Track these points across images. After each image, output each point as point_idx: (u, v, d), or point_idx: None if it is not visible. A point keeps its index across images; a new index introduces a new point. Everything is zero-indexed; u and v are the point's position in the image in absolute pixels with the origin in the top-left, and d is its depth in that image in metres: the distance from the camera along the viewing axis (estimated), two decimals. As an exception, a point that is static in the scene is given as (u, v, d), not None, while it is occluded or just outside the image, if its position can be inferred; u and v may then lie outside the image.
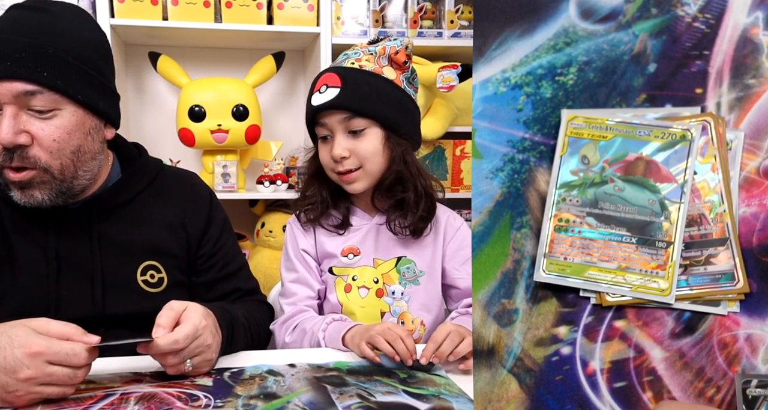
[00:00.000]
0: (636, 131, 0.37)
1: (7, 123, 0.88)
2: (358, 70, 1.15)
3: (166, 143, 2.11)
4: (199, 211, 1.12)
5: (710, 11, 0.36)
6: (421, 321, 1.19)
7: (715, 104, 0.36)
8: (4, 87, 0.87)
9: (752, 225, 0.40)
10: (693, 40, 0.36)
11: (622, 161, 0.37)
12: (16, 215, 0.99)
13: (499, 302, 0.40)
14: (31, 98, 0.89)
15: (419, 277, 1.20)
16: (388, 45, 1.17)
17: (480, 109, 0.38)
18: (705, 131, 0.37)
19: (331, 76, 1.14)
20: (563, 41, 0.37)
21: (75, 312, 0.97)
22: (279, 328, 1.17)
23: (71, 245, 1.00)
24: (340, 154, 1.12)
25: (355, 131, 1.13)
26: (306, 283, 1.19)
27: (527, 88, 0.38)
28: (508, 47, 0.38)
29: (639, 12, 0.36)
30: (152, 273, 1.05)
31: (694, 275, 0.39)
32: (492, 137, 0.38)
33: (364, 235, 1.20)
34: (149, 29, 1.94)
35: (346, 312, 1.18)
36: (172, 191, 1.11)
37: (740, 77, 0.36)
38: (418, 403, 0.81)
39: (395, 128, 1.15)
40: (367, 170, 1.14)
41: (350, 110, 1.12)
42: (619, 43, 0.37)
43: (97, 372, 0.89)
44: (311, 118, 1.18)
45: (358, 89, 1.12)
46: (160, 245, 1.06)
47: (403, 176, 1.16)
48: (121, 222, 1.04)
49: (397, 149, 1.15)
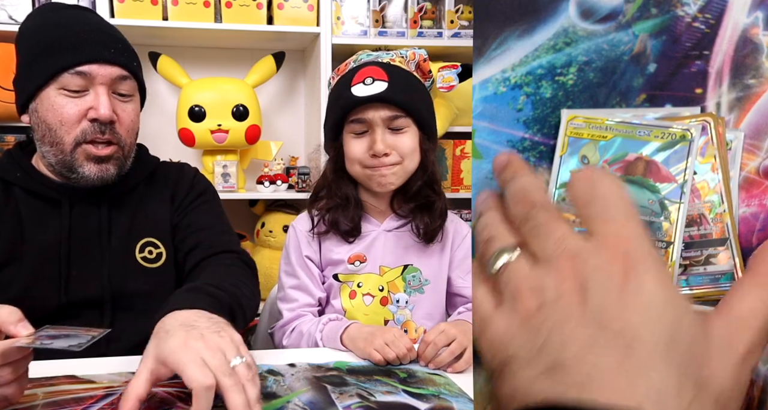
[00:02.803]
0: (636, 130, 0.37)
1: (106, 100, 1.01)
2: (400, 68, 1.13)
3: (166, 143, 2.11)
4: (183, 184, 1.17)
5: (710, 11, 0.36)
6: (424, 329, 1.18)
7: (715, 104, 0.36)
8: (105, 70, 1.01)
9: (752, 225, 0.40)
10: (693, 40, 0.36)
11: (622, 161, 0.37)
12: (32, 201, 1.05)
13: (499, 303, 0.40)
14: (121, 83, 1.04)
15: (424, 286, 1.19)
16: (417, 52, 1.16)
17: (480, 109, 0.38)
18: (705, 131, 0.37)
19: (375, 70, 1.11)
20: (563, 41, 0.37)
21: (84, 292, 1.04)
22: (278, 332, 1.17)
23: (83, 229, 1.06)
24: (383, 150, 1.09)
25: (395, 128, 1.11)
26: (306, 290, 1.18)
27: (527, 88, 0.38)
28: (507, 47, 0.38)
29: (639, 12, 0.36)
30: (150, 249, 1.10)
31: (693, 275, 0.39)
32: (492, 137, 0.38)
33: (372, 242, 1.19)
34: (149, 29, 1.94)
35: (350, 319, 1.17)
36: (166, 176, 1.18)
37: (740, 77, 0.36)
38: (418, 403, 0.81)
39: (428, 130, 1.14)
40: (405, 166, 1.13)
41: (398, 105, 1.09)
42: (619, 43, 0.37)
43: (97, 372, 0.89)
44: (346, 111, 1.12)
45: (404, 86, 1.11)
46: (157, 222, 1.11)
47: (436, 179, 1.15)
48: (125, 207, 1.10)
49: (430, 153, 1.14)
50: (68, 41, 1.01)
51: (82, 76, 1.00)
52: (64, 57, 1.00)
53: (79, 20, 1.05)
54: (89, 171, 1.03)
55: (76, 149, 1.02)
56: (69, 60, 1.00)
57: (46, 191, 1.05)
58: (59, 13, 1.07)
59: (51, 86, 1.00)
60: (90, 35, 1.03)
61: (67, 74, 1.00)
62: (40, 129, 1.03)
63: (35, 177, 1.07)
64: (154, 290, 1.07)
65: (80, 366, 0.90)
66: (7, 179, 1.06)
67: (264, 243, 2.12)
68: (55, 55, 1.00)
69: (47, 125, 1.02)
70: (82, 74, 1.00)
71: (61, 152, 1.02)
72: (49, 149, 1.03)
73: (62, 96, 1.00)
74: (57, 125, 1.01)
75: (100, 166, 1.04)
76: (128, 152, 1.09)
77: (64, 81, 1.00)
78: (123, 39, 1.09)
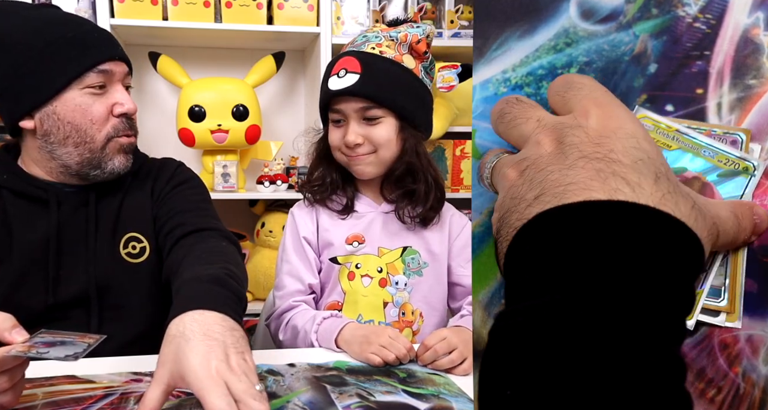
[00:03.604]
0: (701, 150, 0.36)
1: (127, 95, 1.06)
2: (378, 57, 1.13)
3: (166, 143, 2.11)
4: (163, 176, 1.16)
5: (711, 11, 0.36)
6: (420, 312, 1.19)
7: (715, 105, 0.36)
8: (119, 66, 1.04)
9: (753, 226, 0.39)
10: (694, 40, 0.36)
11: (680, 175, 0.36)
12: (19, 202, 1.04)
13: (499, 303, 0.40)
14: (127, 78, 1.07)
15: (423, 268, 1.19)
16: (410, 33, 1.15)
17: (480, 109, 0.38)
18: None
19: (350, 61, 1.12)
20: (564, 42, 0.37)
21: (72, 292, 1.03)
22: (273, 323, 1.17)
23: (71, 227, 1.05)
24: (354, 141, 1.12)
25: (369, 119, 1.12)
26: (297, 276, 1.18)
27: (528, 88, 0.38)
28: (508, 48, 0.38)
29: (639, 12, 0.36)
30: (134, 244, 1.09)
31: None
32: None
33: (370, 223, 1.20)
34: (149, 29, 1.94)
35: (349, 301, 1.17)
36: (150, 170, 1.17)
37: (741, 78, 0.36)
38: (417, 403, 0.81)
39: (410, 119, 1.14)
40: (379, 155, 1.14)
41: (368, 99, 1.11)
42: (619, 43, 0.37)
43: (97, 372, 0.89)
44: (325, 102, 1.17)
45: (377, 77, 1.11)
46: (139, 216, 1.11)
47: (415, 167, 1.15)
48: (110, 204, 1.09)
49: (410, 141, 1.14)
50: (83, 41, 1.01)
51: (105, 74, 1.01)
52: (85, 57, 1.00)
53: (75, 21, 1.05)
54: (118, 163, 1.05)
55: (107, 144, 1.03)
56: (91, 60, 1.00)
57: (34, 191, 1.04)
58: (34, 12, 1.02)
59: (73, 87, 1.00)
60: (100, 34, 1.04)
61: (91, 74, 1.00)
62: (60, 131, 1.00)
63: (23, 178, 1.05)
64: (138, 286, 1.07)
65: (80, 366, 0.90)
66: None
67: (264, 243, 2.12)
68: (73, 56, 0.99)
69: (74, 125, 1.00)
70: (105, 73, 1.01)
71: (90, 151, 1.02)
72: (72, 150, 1.02)
73: (87, 95, 1.01)
74: (87, 125, 1.01)
75: (126, 156, 1.07)
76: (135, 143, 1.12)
77: (89, 80, 1.00)
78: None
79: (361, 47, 1.15)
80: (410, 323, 1.18)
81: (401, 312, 1.18)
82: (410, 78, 1.15)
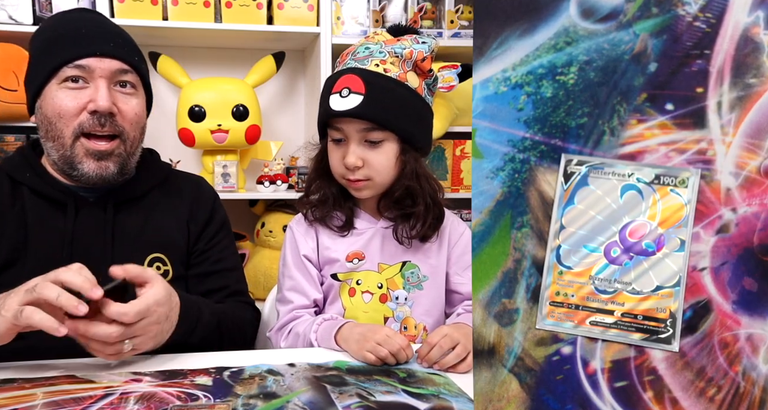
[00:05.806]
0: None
1: (105, 92, 1.01)
2: (382, 76, 1.10)
3: (166, 143, 2.11)
4: (202, 209, 1.17)
5: (711, 10, 0.36)
6: (423, 326, 1.18)
7: (716, 103, 0.36)
8: (105, 62, 1.02)
9: (753, 225, 0.39)
10: (694, 39, 0.36)
11: None
12: (38, 202, 1.05)
13: (499, 302, 0.40)
14: (122, 76, 1.04)
15: (423, 282, 1.19)
16: (415, 49, 1.12)
17: (480, 108, 0.38)
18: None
19: (354, 79, 1.09)
20: (564, 41, 0.37)
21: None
22: (275, 335, 1.17)
23: (87, 234, 1.05)
24: (354, 163, 1.10)
25: (371, 142, 1.10)
26: (302, 291, 1.18)
27: (528, 87, 0.38)
28: (508, 47, 0.38)
29: (640, 11, 0.36)
30: (158, 265, 1.09)
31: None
32: (492, 137, 0.38)
33: (369, 239, 1.19)
34: (149, 29, 1.94)
35: (350, 316, 1.16)
36: (181, 189, 1.17)
37: (741, 77, 0.36)
38: (417, 403, 0.81)
39: (412, 141, 1.13)
40: (376, 182, 1.13)
41: (372, 122, 1.08)
42: (619, 42, 0.37)
43: (97, 371, 0.89)
44: (325, 119, 1.14)
45: (382, 100, 1.08)
46: (168, 238, 1.11)
47: (414, 191, 1.14)
48: (133, 215, 1.10)
49: (410, 163, 1.13)
50: (68, 37, 1.02)
51: (81, 69, 1.01)
52: (64, 52, 1.01)
53: (82, 19, 1.07)
54: (88, 168, 1.03)
55: (75, 143, 1.02)
56: (68, 54, 1.01)
57: (53, 193, 1.05)
58: (68, 15, 1.09)
59: (53, 82, 1.01)
60: (89, 31, 1.04)
61: (66, 68, 1.00)
62: (43, 125, 1.04)
63: (44, 178, 1.06)
64: None
65: (80, 366, 0.90)
66: (17, 179, 1.06)
67: (264, 243, 2.12)
68: (54, 51, 1.02)
69: (48, 119, 1.02)
70: (81, 68, 1.01)
71: (62, 147, 1.02)
72: (51, 145, 1.04)
73: (63, 90, 1.01)
74: (56, 118, 1.01)
75: (100, 163, 1.03)
76: (132, 147, 1.07)
77: (64, 75, 1.01)
78: (124, 35, 1.09)
79: (365, 62, 1.11)
80: (413, 337, 1.17)
81: (403, 327, 1.17)
82: (414, 99, 1.12)
